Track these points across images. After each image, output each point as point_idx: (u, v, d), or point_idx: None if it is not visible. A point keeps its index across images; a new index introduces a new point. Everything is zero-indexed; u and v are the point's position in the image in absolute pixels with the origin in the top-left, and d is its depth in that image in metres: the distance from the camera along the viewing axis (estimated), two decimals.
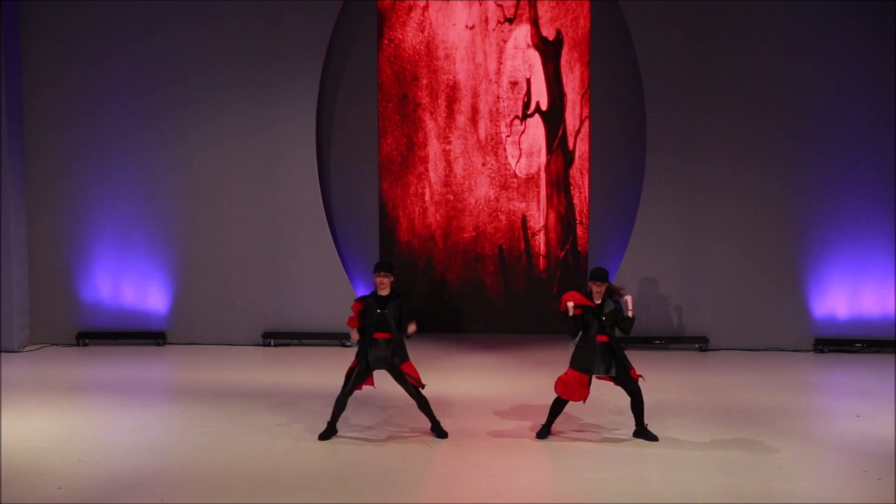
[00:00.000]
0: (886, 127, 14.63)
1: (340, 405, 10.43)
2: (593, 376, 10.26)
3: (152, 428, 10.88)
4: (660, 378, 13.13)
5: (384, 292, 10.25)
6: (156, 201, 15.40)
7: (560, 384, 10.25)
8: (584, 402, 10.41)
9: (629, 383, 10.27)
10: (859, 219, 14.82)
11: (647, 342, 14.95)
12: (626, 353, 10.56)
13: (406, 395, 10.56)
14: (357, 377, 10.32)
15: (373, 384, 10.57)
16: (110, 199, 15.41)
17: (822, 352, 14.79)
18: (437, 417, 10.58)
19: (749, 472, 9.34)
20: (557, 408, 10.40)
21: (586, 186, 15.67)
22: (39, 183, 15.36)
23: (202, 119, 15.28)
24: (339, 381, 10.72)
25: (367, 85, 15.62)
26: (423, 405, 10.45)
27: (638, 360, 13.97)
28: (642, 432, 10.35)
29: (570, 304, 10.09)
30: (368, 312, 10.24)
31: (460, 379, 13.10)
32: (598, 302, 10.15)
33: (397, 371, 10.33)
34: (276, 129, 15.23)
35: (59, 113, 15.32)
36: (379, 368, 10.38)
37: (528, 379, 13.02)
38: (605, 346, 10.20)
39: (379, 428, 10.80)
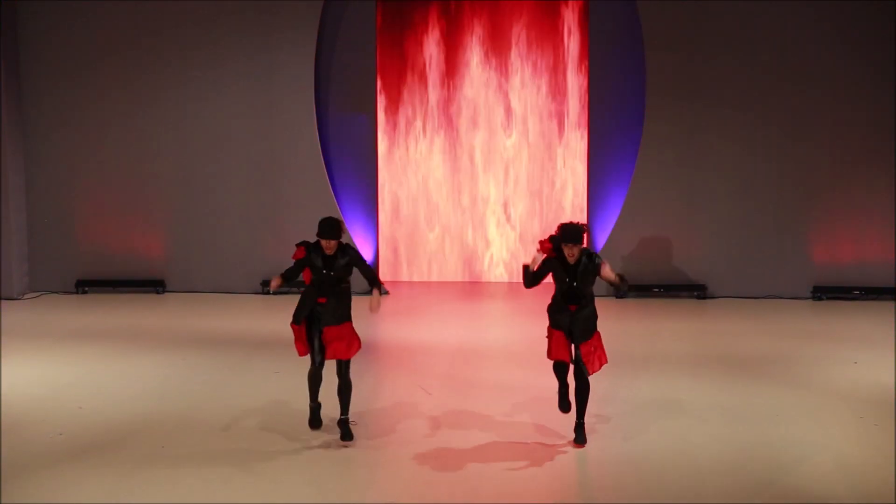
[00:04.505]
0: (888, 71, 14.54)
1: (315, 380, 9.04)
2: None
3: (152, 375, 10.91)
4: (658, 326, 13.17)
5: (329, 252, 8.87)
6: (154, 150, 15.36)
7: (548, 347, 8.84)
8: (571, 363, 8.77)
9: (580, 366, 8.67)
10: (860, 165, 14.78)
11: (646, 290, 14.96)
12: (626, 300, 10.33)
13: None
14: (321, 347, 8.94)
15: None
16: (109, 148, 15.38)
17: (820, 299, 14.81)
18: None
19: (746, 418, 9.38)
20: (560, 380, 8.90)
21: (586, 133, 15.62)
22: (38, 132, 15.29)
23: (200, 68, 15.20)
24: None
25: (365, 32, 15.47)
26: (345, 389, 8.92)
27: (636, 309, 14.05)
28: (578, 427, 8.80)
29: (538, 256, 8.61)
30: (314, 271, 8.93)
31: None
32: (572, 263, 8.53)
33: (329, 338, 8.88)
34: (275, 78, 15.14)
35: (58, 61, 15.22)
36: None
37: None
38: (576, 314, 8.60)
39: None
